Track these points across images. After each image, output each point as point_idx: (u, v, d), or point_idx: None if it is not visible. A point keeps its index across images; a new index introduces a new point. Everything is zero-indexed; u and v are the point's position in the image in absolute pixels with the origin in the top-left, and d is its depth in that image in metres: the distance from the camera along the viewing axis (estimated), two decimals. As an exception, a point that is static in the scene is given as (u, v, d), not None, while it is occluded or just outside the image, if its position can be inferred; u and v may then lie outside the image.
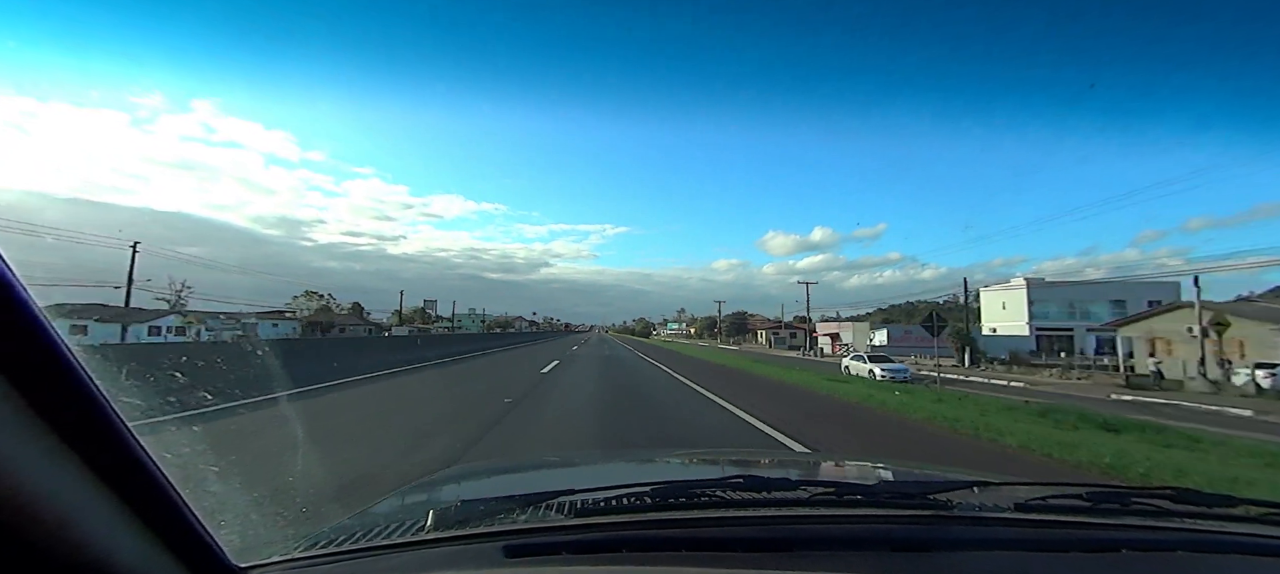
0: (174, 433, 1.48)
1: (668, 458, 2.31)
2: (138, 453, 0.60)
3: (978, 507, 0.98)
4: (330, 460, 4.43)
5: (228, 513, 1.20)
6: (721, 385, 12.66)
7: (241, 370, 6.86)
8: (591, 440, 6.00)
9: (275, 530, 1.47)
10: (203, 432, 3.88)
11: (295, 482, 3.43)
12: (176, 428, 2.11)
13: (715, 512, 0.95)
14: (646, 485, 1.00)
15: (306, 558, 0.87)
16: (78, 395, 0.54)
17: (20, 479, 0.49)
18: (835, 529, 0.89)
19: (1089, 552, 0.85)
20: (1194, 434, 8.09)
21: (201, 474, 1.30)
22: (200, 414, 4.89)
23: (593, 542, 0.86)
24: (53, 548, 0.52)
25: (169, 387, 3.88)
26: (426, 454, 4.86)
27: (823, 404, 10.18)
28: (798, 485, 1.06)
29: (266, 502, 2.32)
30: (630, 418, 7.80)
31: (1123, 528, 0.92)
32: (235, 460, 3.67)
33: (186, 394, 4.94)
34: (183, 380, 5.00)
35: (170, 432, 1.30)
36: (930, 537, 0.88)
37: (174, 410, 3.99)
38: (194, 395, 5.14)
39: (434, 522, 0.92)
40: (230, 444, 4.69)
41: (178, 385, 4.48)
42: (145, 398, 0.86)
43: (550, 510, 0.93)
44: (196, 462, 1.34)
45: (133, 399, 0.69)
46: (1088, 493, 1.01)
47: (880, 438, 7.06)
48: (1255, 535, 0.92)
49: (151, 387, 1.25)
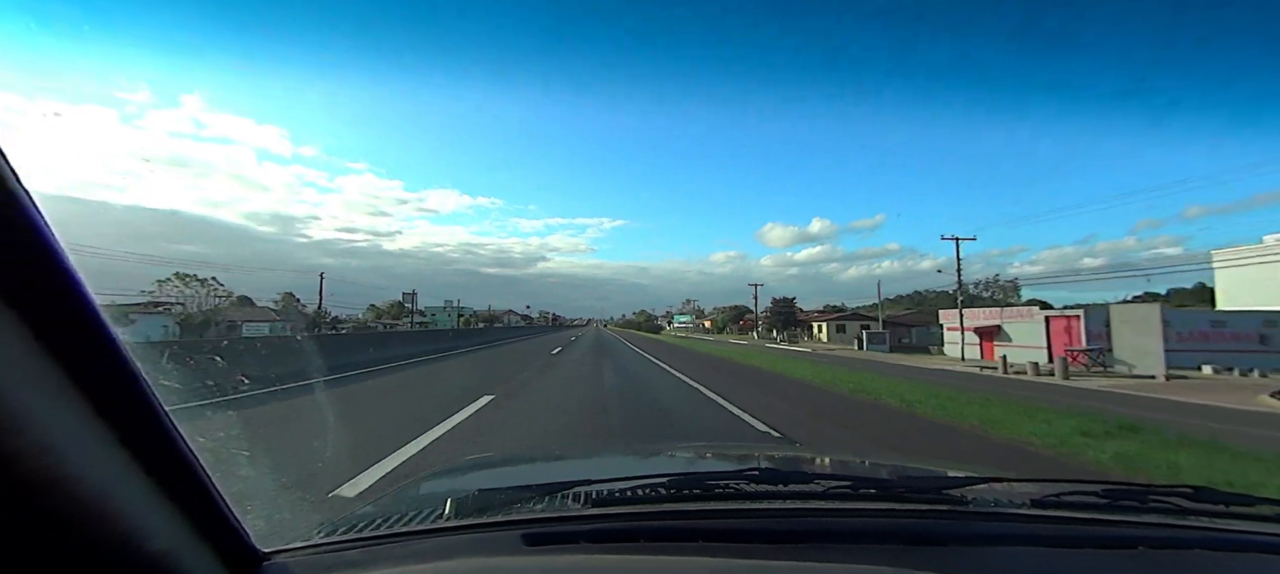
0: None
1: (683, 451, 2.32)
2: (172, 434, 0.63)
3: (994, 502, 0.98)
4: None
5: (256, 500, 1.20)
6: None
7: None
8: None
9: (299, 517, 1.48)
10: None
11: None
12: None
13: (731, 503, 0.96)
14: (663, 476, 1.02)
15: (329, 544, 0.89)
16: (125, 382, 0.57)
17: (60, 456, 0.51)
18: (851, 522, 0.90)
19: (1106, 548, 0.85)
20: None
21: (233, 459, 1.31)
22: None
23: (610, 531, 0.87)
24: (88, 525, 0.54)
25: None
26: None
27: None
28: (813, 479, 1.07)
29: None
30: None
31: (1140, 525, 0.92)
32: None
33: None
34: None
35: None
36: (946, 531, 0.88)
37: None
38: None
39: (454, 510, 0.93)
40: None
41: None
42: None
43: (568, 500, 0.95)
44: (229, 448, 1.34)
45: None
46: (1105, 490, 1.00)
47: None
48: (1273, 535, 0.91)
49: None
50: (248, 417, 6.46)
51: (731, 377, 13.87)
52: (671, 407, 8.63)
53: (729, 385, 11.63)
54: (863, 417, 8.40)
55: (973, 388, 13.34)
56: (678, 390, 10.72)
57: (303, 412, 7.07)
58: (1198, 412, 12.83)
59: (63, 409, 0.52)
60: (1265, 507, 0.99)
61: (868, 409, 9.15)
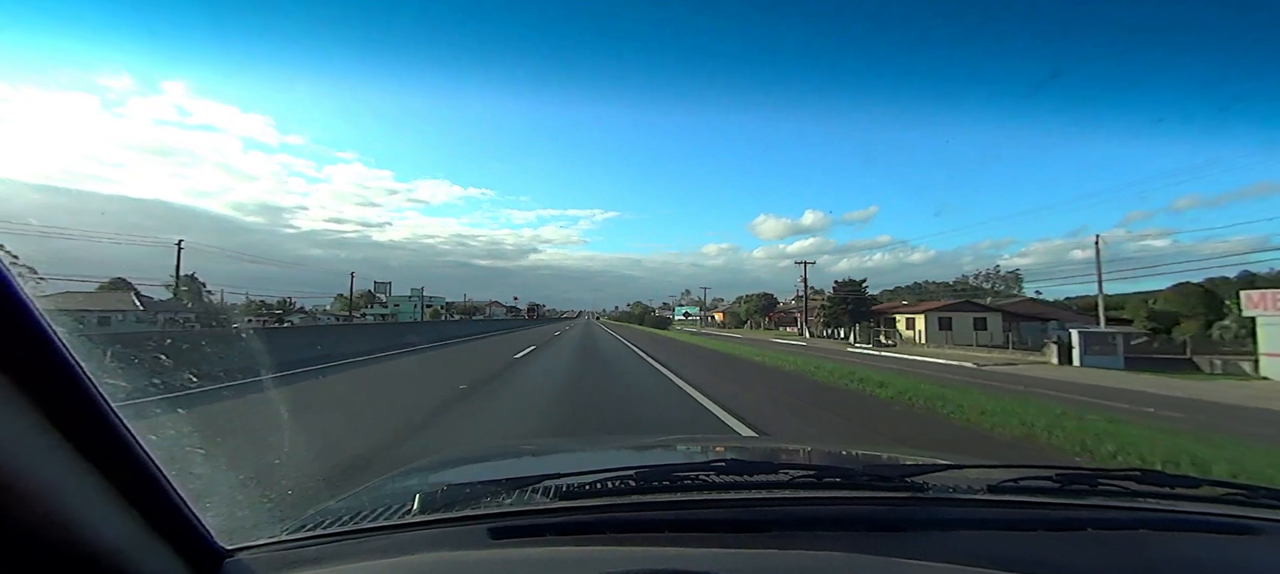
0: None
1: (651, 443, 2.33)
2: (124, 435, 0.61)
3: (951, 488, 1.02)
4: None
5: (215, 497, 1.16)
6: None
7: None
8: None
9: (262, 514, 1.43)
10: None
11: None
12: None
13: (698, 494, 0.97)
14: (630, 469, 1.02)
15: (293, 540, 0.88)
16: (64, 377, 0.55)
17: (8, 460, 0.49)
18: (814, 510, 0.92)
19: (1056, 530, 0.89)
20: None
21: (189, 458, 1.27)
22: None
23: (577, 524, 0.87)
24: (40, 529, 0.52)
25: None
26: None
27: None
28: (779, 469, 1.09)
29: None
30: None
31: (1089, 508, 0.96)
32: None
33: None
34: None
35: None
36: (905, 517, 0.91)
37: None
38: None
39: (420, 505, 0.93)
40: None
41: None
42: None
43: (535, 493, 0.95)
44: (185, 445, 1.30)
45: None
46: (1057, 475, 1.05)
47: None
48: (1214, 514, 0.96)
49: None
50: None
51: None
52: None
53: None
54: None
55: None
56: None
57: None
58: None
59: (3, 408, 0.50)
60: (1208, 488, 1.05)
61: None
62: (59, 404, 0.54)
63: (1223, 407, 13.13)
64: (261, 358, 10.20)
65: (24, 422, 0.52)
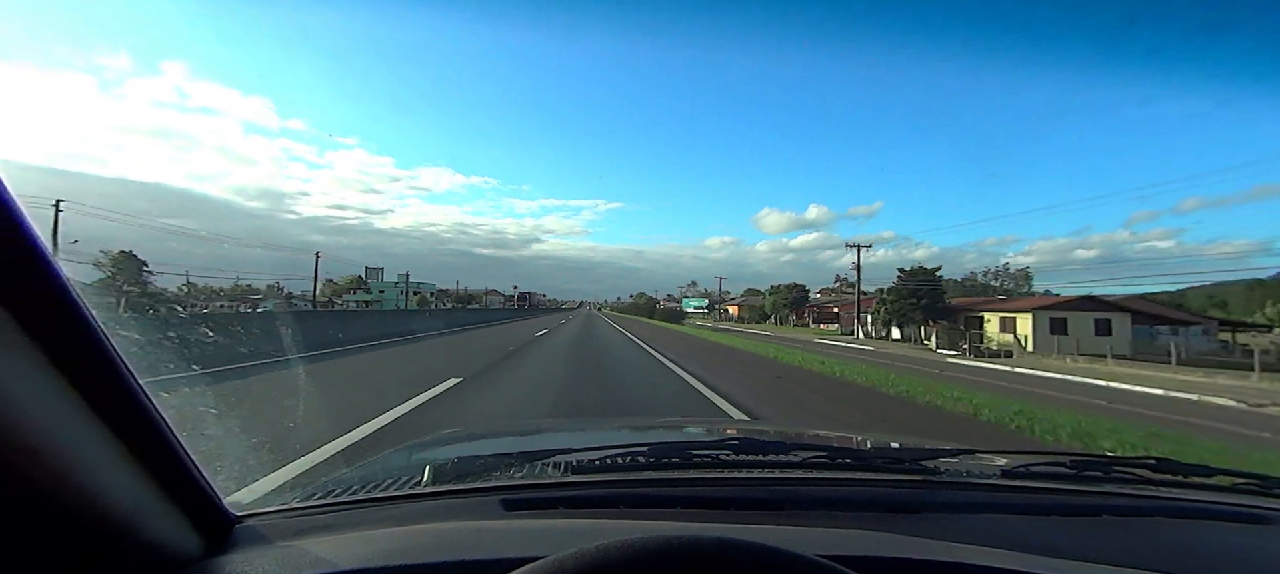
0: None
1: (662, 424, 2.35)
2: (141, 398, 0.61)
3: (965, 472, 1.01)
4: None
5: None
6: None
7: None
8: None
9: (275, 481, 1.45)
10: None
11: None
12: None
13: (710, 472, 0.97)
14: (643, 445, 1.02)
15: (304, 508, 0.88)
16: (89, 343, 0.55)
17: (29, 420, 0.49)
18: (827, 491, 0.92)
19: (1071, 516, 0.88)
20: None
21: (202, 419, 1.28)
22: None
23: (590, 497, 0.87)
24: (55, 490, 0.53)
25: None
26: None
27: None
28: (791, 449, 1.09)
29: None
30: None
31: (1104, 495, 0.96)
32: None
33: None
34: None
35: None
36: (918, 500, 0.91)
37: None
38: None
39: (432, 476, 0.93)
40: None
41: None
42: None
43: (547, 467, 0.95)
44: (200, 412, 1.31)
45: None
46: (1072, 461, 1.04)
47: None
48: (1228, 503, 0.95)
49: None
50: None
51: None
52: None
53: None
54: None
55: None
56: None
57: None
58: None
59: (26, 372, 0.50)
60: (1222, 477, 1.04)
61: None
62: (82, 368, 0.54)
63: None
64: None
65: (48, 385, 0.52)
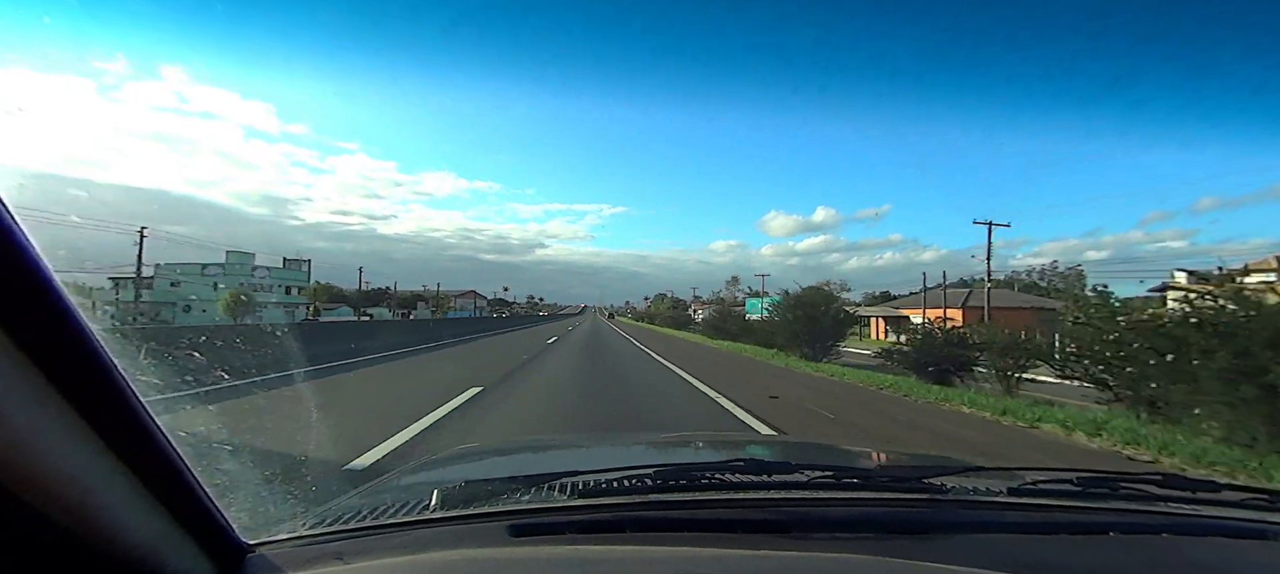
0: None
1: (669, 442, 2.34)
2: (153, 429, 0.62)
3: (971, 491, 1.01)
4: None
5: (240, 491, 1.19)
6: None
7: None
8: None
9: (283, 508, 1.46)
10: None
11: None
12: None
13: (717, 494, 0.97)
14: (649, 468, 1.03)
15: (313, 535, 0.88)
16: (97, 372, 0.55)
17: (41, 454, 0.50)
18: (833, 511, 0.92)
19: (1078, 534, 0.88)
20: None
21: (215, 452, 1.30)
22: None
23: (597, 522, 0.87)
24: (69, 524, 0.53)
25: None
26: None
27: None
28: (797, 469, 1.09)
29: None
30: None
31: (1110, 512, 0.95)
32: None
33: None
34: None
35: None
36: (924, 520, 0.91)
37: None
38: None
39: (440, 501, 0.93)
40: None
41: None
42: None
43: (554, 491, 0.95)
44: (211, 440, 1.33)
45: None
46: (1078, 478, 1.04)
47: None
48: (1235, 519, 0.95)
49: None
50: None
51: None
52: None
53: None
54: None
55: None
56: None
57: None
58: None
59: (37, 403, 0.50)
60: (1229, 492, 1.04)
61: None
62: (92, 399, 0.55)
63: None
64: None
65: (59, 418, 0.52)
